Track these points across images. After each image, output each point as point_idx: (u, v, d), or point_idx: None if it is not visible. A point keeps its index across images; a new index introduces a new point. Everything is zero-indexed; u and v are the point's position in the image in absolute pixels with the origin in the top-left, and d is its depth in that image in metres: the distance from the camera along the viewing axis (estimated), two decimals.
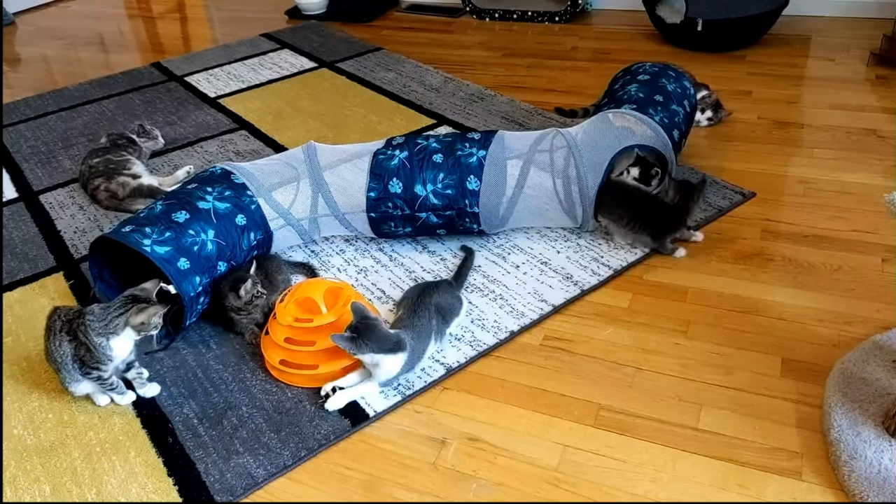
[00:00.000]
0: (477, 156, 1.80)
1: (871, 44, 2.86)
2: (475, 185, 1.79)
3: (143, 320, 1.41)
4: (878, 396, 1.35)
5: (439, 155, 1.81)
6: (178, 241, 1.60)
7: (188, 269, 1.58)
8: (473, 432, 1.40)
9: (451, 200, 1.80)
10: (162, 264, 1.54)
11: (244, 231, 1.73)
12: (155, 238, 1.57)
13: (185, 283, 1.57)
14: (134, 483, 1.35)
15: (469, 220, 1.83)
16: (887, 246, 1.80)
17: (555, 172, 1.84)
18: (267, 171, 1.86)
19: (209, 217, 1.67)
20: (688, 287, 1.72)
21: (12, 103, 3.02)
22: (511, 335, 1.62)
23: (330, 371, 1.50)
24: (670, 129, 1.94)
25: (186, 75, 3.15)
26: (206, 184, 1.76)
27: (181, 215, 1.64)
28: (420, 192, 1.80)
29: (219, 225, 1.68)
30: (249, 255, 1.76)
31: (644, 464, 1.32)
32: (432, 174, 1.80)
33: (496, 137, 1.85)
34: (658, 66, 2.14)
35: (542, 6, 3.56)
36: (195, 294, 1.59)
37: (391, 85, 2.90)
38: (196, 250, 1.61)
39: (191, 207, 1.67)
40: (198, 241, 1.62)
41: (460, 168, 1.80)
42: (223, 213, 1.70)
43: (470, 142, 1.84)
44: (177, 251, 1.58)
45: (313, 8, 3.80)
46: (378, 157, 1.84)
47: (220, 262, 1.66)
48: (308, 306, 1.53)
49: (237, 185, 1.78)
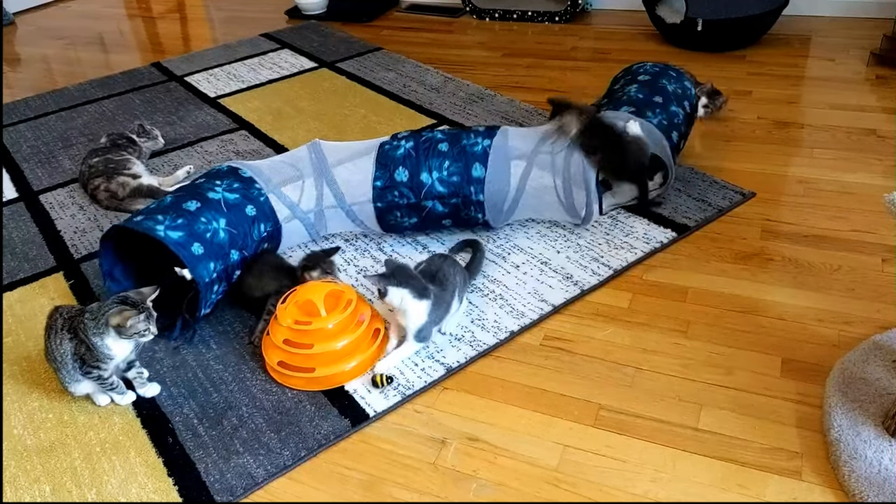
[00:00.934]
0: (482, 144, 1.83)
1: (871, 44, 2.86)
2: (480, 173, 1.80)
3: (119, 322, 1.39)
4: (878, 396, 1.35)
5: (445, 144, 1.84)
6: (191, 227, 1.60)
7: (202, 255, 1.58)
8: (473, 432, 1.41)
9: (456, 188, 1.81)
10: (176, 248, 1.54)
11: (254, 221, 1.73)
12: (168, 224, 1.57)
13: (200, 268, 1.57)
14: (134, 483, 1.35)
15: (474, 208, 1.83)
16: (887, 246, 1.80)
17: (555, 171, 1.85)
18: (273, 169, 1.87)
19: (220, 206, 1.68)
20: (688, 287, 1.72)
21: (12, 103, 3.02)
22: (511, 335, 1.62)
23: (327, 374, 1.50)
24: (669, 132, 1.94)
25: (186, 75, 3.15)
26: (214, 178, 1.77)
27: (192, 204, 1.65)
28: (426, 180, 1.81)
29: (229, 214, 1.68)
30: (260, 247, 1.76)
31: (644, 464, 1.32)
32: (438, 161, 1.81)
33: (500, 131, 1.87)
34: (659, 66, 2.14)
35: (542, 6, 3.56)
36: (210, 280, 1.59)
37: (391, 85, 2.90)
38: (209, 237, 1.61)
39: (201, 198, 1.68)
40: (210, 228, 1.62)
41: (465, 156, 1.81)
42: (233, 203, 1.70)
43: (475, 133, 1.87)
44: (190, 236, 1.58)
45: (313, 8, 3.80)
46: (384, 148, 1.86)
47: (233, 250, 1.66)
48: (308, 309, 1.53)
49: (245, 179, 1.79)
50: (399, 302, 1.48)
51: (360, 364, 1.53)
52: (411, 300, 1.48)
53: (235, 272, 1.70)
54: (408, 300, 1.48)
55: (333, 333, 1.49)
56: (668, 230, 1.90)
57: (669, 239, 1.87)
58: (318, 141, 1.93)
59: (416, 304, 1.49)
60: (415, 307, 1.49)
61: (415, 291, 1.48)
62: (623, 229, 1.92)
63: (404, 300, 1.48)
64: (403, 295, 1.48)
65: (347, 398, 1.49)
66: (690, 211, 1.97)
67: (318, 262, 1.71)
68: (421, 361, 1.56)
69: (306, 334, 1.50)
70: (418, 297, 1.49)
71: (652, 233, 1.90)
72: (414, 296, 1.48)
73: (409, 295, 1.48)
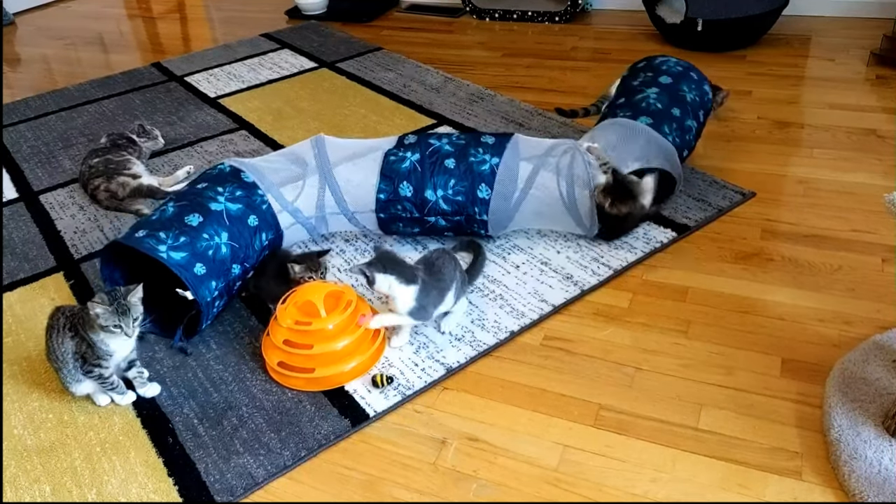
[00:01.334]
0: (490, 163, 1.78)
1: (871, 44, 2.85)
2: (486, 194, 1.77)
3: (92, 313, 1.38)
4: (878, 396, 1.35)
5: (451, 160, 1.79)
6: (193, 246, 1.59)
7: (204, 275, 1.58)
8: (473, 432, 1.41)
9: (460, 207, 1.79)
10: (179, 271, 1.55)
11: (256, 232, 1.73)
12: (170, 244, 1.57)
13: (202, 289, 1.57)
14: (134, 483, 1.35)
15: (477, 226, 1.83)
16: (887, 246, 1.80)
17: (560, 174, 1.81)
18: (275, 168, 1.85)
19: (222, 219, 1.67)
20: (688, 287, 1.72)
21: (12, 103, 3.02)
22: (511, 335, 1.62)
23: (327, 375, 1.50)
24: (681, 149, 1.92)
25: (186, 75, 3.15)
26: (217, 183, 1.75)
27: (194, 218, 1.64)
28: (430, 197, 1.79)
29: (232, 227, 1.67)
30: (261, 256, 1.76)
31: (644, 464, 1.32)
32: (443, 179, 1.78)
33: (511, 143, 1.82)
34: (682, 65, 2.05)
35: (542, 6, 3.56)
36: (211, 299, 1.60)
37: (391, 85, 2.90)
38: (211, 254, 1.61)
39: (203, 210, 1.66)
40: (212, 244, 1.62)
41: (472, 175, 1.78)
42: (235, 215, 1.69)
43: (483, 147, 1.81)
44: (192, 256, 1.58)
45: (313, 8, 3.80)
46: (389, 159, 1.82)
47: (235, 264, 1.66)
48: (308, 309, 1.53)
49: (248, 185, 1.77)
50: (387, 288, 1.49)
51: (359, 365, 1.53)
52: (398, 285, 1.49)
53: (237, 284, 1.70)
54: (395, 286, 1.49)
55: (333, 334, 1.49)
56: (668, 230, 1.90)
57: (669, 239, 1.87)
58: (322, 136, 1.91)
59: (404, 289, 1.50)
60: (402, 292, 1.50)
61: (402, 277, 1.49)
62: None
63: (392, 286, 1.49)
64: (391, 281, 1.48)
65: (347, 398, 1.49)
66: (690, 211, 1.97)
67: (305, 259, 1.72)
68: (421, 361, 1.56)
69: (306, 335, 1.50)
70: (406, 282, 1.49)
71: (652, 233, 1.90)
72: (401, 281, 1.49)
73: (395, 281, 1.48)
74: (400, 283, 1.49)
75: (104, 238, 2.07)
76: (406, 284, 1.50)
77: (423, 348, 1.59)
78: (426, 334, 1.63)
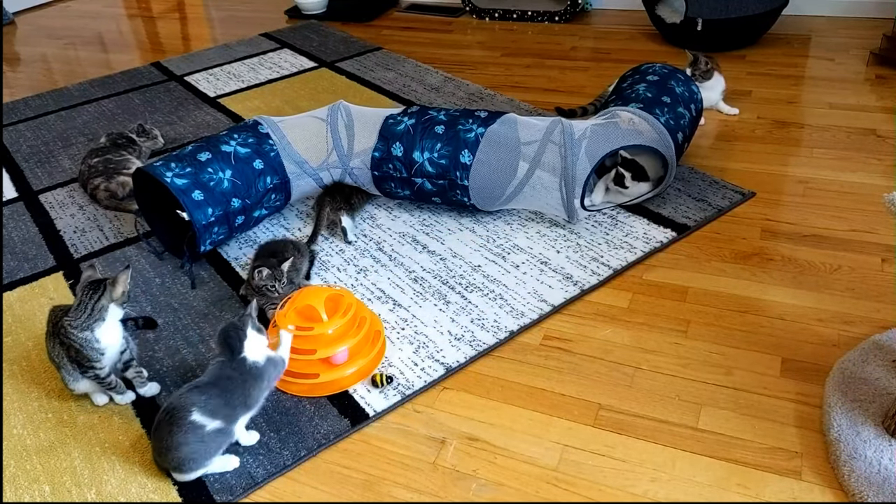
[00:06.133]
0: (476, 132, 1.89)
1: (871, 44, 2.86)
2: (468, 159, 1.87)
3: (123, 289, 1.42)
4: (877, 396, 1.35)
5: (441, 127, 1.92)
6: (197, 177, 1.81)
7: (202, 201, 1.80)
8: (473, 432, 1.41)
9: (443, 170, 1.90)
10: (178, 194, 1.77)
11: (261, 174, 1.91)
12: (176, 171, 1.80)
13: (198, 212, 1.79)
14: (134, 483, 1.35)
15: (460, 192, 1.92)
16: (887, 246, 1.80)
17: (554, 160, 1.84)
18: (292, 125, 2.01)
19: (229, 159, 1.88)
20: (687, 287, 1.72)
21: (12, 103, 3.02)
22: (511, 335, 1.62)
23: (331, 380, 1.49)
24: (675, 132, 1.94)
25: (186, 75, 3.15)
26: (235, 131, 1.97)
27: (204, 155, 1.86)
28: (417, 158, 1.91)
29: (236, 166, 1.88)
30: (266, 196, 1.93)
31: (644, 464, 1.32)
32: (431, 143, 1.91)
33: (504, 118, 1.91)
34: (668, 67, 2.14)
35: (542, 6, 3.56)
36: (207, 223, 1.81)
37: (391, 84, 2.90)
38: (212, 186, 1.83)
39: (214, 150, 1.89)
40: (215, 178, 1.84)
41: (457, 141, 1.89)
42: (242, 157, 1.90)
43: (474, 118, 1.93)
44: (194, 184, 1.80)
45: (313, 7, 3.80)
46: (388, 122, 1.97)
47: (235, 198, 1.86)
48: (308, 314, 1.52)
49: (261, 134, 1.97)
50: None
51: (361, 369, 1.52)
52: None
53: (238, 217, 1.88)
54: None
55: (334, 338, 1.49)
56: (668, 230, 1.90)
57: (669, 239, 1.87)
58: (343, 102, 2.04)
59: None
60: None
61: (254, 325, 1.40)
62: (623, 229, 1.92)
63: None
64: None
65: (347, 398, 1.49)
66: (690, 211, 1.97)
67: (270, 265, 1.67)
68: (421, 361, 1.56)
69: (308, 340, 1.49)
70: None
71: (652, 232, 1.90)
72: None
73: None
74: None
75: (104, 238, 2.07)
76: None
77: (423, 348, 1.59)
78: (426, 334, 1.63)
